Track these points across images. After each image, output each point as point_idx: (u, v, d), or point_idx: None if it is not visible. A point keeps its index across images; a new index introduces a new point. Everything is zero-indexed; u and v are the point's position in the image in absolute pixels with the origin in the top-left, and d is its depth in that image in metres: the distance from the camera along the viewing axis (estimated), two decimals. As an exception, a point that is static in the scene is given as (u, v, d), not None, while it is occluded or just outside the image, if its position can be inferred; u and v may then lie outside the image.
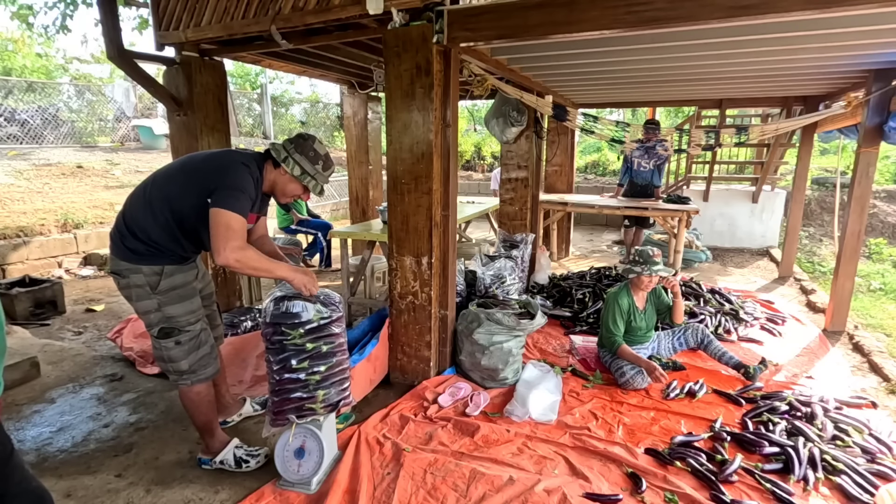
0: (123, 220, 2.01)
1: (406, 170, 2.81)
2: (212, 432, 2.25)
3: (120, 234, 1.99)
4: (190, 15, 3.35)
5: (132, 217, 1.99)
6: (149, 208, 1.97)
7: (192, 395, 2.15)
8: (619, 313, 3.12)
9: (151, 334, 2.06)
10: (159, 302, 2.00)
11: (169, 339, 2.03)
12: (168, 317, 2.02)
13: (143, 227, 1.96)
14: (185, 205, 1.95)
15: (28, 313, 4.24)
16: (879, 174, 8.91)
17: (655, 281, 3.12)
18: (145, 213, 1.97)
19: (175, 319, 2.03)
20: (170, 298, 2.02)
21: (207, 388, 2.19)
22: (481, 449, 2.38)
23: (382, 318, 3.15)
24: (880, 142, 3.80)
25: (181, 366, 2.08)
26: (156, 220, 1.96)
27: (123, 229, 1.99)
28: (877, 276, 5.94)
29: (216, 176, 1.92)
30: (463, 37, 2.62)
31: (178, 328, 2.04)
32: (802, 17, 2.23)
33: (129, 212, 2.02)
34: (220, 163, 1.99)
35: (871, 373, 3.33)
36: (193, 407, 2.18)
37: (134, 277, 1.98)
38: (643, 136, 4.35)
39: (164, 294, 2.00)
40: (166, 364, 2.10)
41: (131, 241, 1.97)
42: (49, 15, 11.28)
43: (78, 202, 6.75)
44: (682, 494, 2.06)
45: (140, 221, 1.97)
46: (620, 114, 13.64)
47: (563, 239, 6.77)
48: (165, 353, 2.06)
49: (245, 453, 2.26)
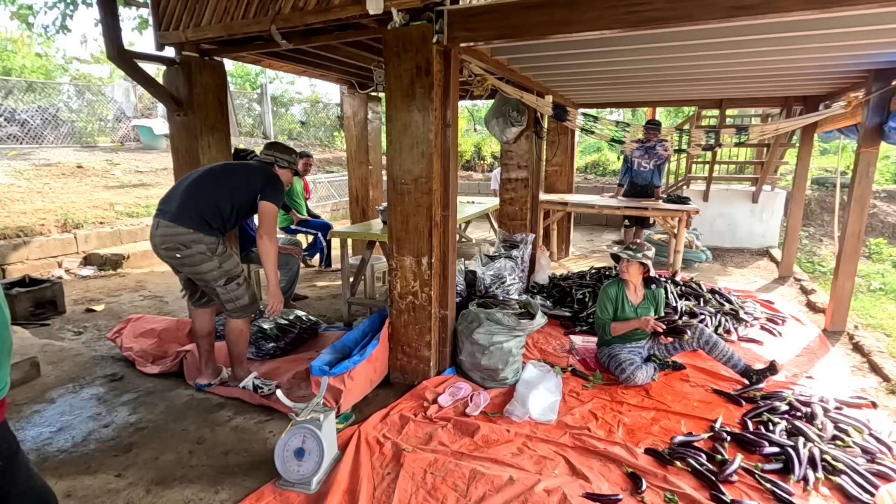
0: (200, 201, 2.66)
1: (406, 170, 2.81)
2: (242, 363, 2.92)
3: (197, 212, 2.63)
4: (190, 15, 3.35)
5: (207, 201, 2.66)
6: (220, 197, 2.69)
7: (242, 327, 2.83)
8: (607, 299, 3.20)
9: (218, 285, 2.70)
10: (219, 261, 2.68)
11: (232, 282, 2.73)
12: (226, 270, 2.71)
13: (215, 210, 2.67)
14: (244, 199, 2.74)
15: (28, 313, 4.24)
16: (879, 174, 8.91)
17: (634, 270, 3.15)
18: (216, 199, 2.68)
19: (231, 270, 2.73)
20: (223, 258, 2.70)
21: (248, 326, 2.89)
22: (481, 449, 2.38)
23: (382, 319, 3.15)
24: (880, 142, 3.81)
25: (244, 300, 2.78)
26: (224, 207, 2.70)
27: (203, 209, 2.64)
28: (877, 276, 5.94)
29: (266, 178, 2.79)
30: (463, 37, 2.62)
31: (235, 274, 2.75)
32: (802, 17, 2.23)
33: (206, 196, 2.68)
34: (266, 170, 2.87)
35: (871, 373, 3.33)
36: (239, 336, 2.85)
37: (197, 247, 2.62)
38: (643, 136, 4.36)
39: (220, 255, 2.69)
40: (234, 303, 2.76)
41: (206, 218, 2.63)
42: (49, 15, 11.30)
43: (78, 202, 6.75)
44: (682, 494, 2.06)
45: (213, 205, 2.67)
46: (620, 114, 13.64)
47: (563, 239, 6.77)
48: (232, 293, 2.74)
49: (261, 382, 2.87)
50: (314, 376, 2.60)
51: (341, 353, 2.87)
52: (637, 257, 3.10)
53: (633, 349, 3.21)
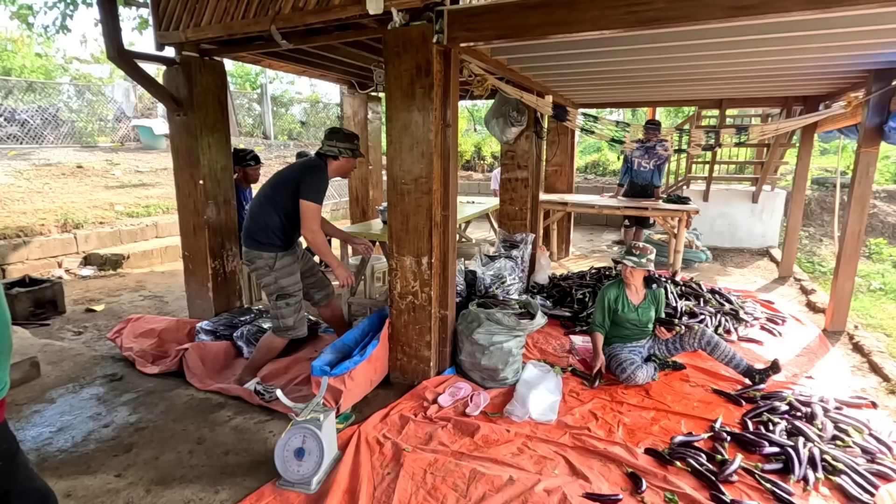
0: (250, 223, 2.79)
1: (406, 170, 2.81)
2: (253, 373, 3.02)
3: (248, 234, 2.79)
4: (190, 15, 3.35)
5: (255, 222, 2.78)
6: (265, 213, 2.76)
7: (276, 344, 2.93)
8: (603, 303, 3.19)
9: (271, 299, 2.84)
10: (275, 276, 2.79)
11: (282, 300, 2.82)
12: (281, 286, 2.81)
13: (263, 226, 2.76)
14: (290, 204, 2.75)
15: (28, 313, 4.24)
16: (879, 174, 8.91)
17: (637, 274, 3.15)
18: (264, 216, 2.76)
19: (286, 288, 2.82)
20: (281, 273, 2.80)
21: (281, 346, 2.97)
22: (481, 449, 2.38)
23: (382, 319, 3.15)
24: (880, 142, 3.80)
25: (288, 322, 2.85)
26: (271, 220, 2.76)
27: (252, 230, 2.78)
28: (877, 276, 5.94)
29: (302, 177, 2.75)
30: (463, 37, 2.62)
31: (289, 294, 2.84)
32: (802, 17, 2.23)
33: (253, 218, 2.79)
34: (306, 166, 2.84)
35: (871, 373, 3.33)
36: (268, 350, 2.95)
37: (258, 262, 2.78)
38: (643, 136, 4.36)
39: (279, 271, 2.79)
40: (278, 321, 2.86)
41: (256, 237, 2.76)
42: (49, 15, 11.27)
43: (78, 202, 6.75)
44: (682, 494, 2.06)
45: (260, 223, 2.76)
46: (620, 114, 13.63)
47: (563, 239, 6.77)
48: (279, 311, 2.83)
49: (263, 388, 2.82)
50: (315, 377, 2.59)
51: (342, 353, 2.87)
52: (642, 264, 3.07)
53: (633, 349, 3.21)
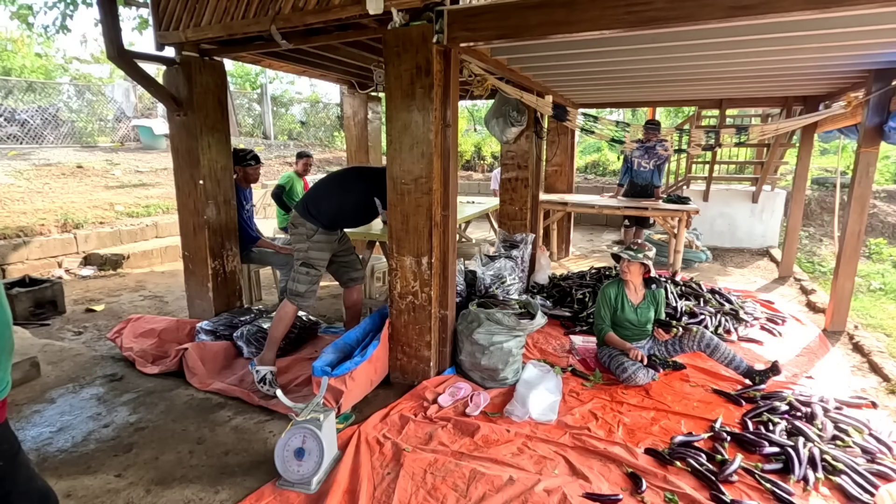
0: (312, 198, 3.09)
1: (406, 170, 2.81)
2: (273, 347, 3.05)
3: (304, 204, 3.08)
4: (190, 15, 3.35)
5: (315, 198, 3.08)
6: (327, 197, 3.08)
7: (287, 310, 3.05)
8: (604, 301, 3.21)
9: (297, 263, 3.05)
10: (309, 246, 3.02)
11: (304, 267, 3.02)
12: (309, 256, 3.03)
13: (317, 205, 3.04)
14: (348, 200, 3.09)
15: (28, 313, 4.24)
16: (879, 174, 8.91)
17: (635, 270, 3.16)
18: (326, 198, 3.07)
19: (312, 259, 3.03)
20: (315, 246, 3.03)
21: (295, 314, 3.10)
22: (481, 449, 2.38)
23: (382, 318, 3.15)
24: (880, 142, 3.80)
25: (300, 288, 3.01)
26: (327, 204, 3.05)
27: (308, 203, 3.07)
28: (877, 276, 5.94)
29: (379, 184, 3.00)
30: (463, 37, 2.62)
31: (312, 265, 3.03)
32: (802, 17, 2.23)
33: (314, 195, 3.10)
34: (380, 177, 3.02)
35: (871, 373, 3.33)
36: (283, 318, 3.05)
37: (301, 228, 3.03)
38: (643, 136, 4.36)
39: (314, 243, 3.03)
40: (293, 284, 3.03)
41: (310, 209, 3.03)
42: (49, 15, 11.25)
43: (78, 202, 6.75)
44: (682, 494, 2.06)
45: (318, 202, 3.06)
46: (620, 114, 13.63)
47: (563, 239, 6.77)
48: (297, 275, 3.02)
49: (272, 379, 2.93)
50: (315, 377, 2.59)
51: (342, 352, 2.86)
52: (638, 257, 3.10)
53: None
